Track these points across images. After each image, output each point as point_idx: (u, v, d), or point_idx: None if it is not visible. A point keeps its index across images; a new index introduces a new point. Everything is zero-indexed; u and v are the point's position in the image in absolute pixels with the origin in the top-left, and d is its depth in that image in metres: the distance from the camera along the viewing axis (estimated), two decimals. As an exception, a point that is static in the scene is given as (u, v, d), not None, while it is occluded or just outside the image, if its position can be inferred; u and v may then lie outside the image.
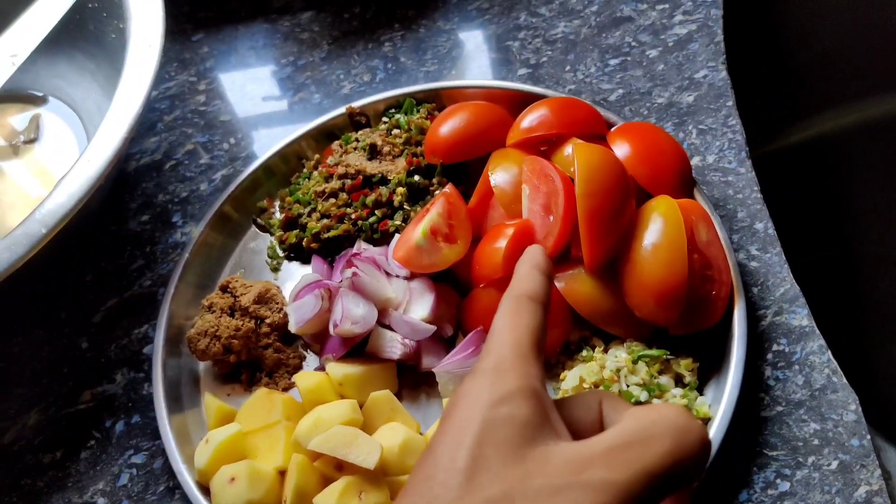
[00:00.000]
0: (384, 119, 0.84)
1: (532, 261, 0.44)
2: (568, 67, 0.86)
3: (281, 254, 0.79)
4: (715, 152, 0.78)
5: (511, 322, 0.40)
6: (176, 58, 0.96)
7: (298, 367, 0.72)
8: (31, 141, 0.92)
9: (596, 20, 0.89)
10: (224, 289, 0.74)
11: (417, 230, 0.69)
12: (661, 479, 0.33)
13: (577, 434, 0.37)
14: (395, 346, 0.67)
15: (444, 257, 0.69)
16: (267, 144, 0.86)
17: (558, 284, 0.67)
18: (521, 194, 0.70)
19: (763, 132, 0.83)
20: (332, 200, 0.77)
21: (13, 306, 0.78)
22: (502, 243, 0.67)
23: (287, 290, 0.75)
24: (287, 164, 0.83)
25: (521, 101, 0.79)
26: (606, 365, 0.64)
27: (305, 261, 0.79)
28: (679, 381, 0.65)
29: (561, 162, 0.70)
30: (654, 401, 0.62)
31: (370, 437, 0.61)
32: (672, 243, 0.64)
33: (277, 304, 0.73)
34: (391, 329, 0.69)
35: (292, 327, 0.71)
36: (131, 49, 0.75)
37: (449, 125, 0.77)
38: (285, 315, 0.72)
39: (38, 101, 0.96)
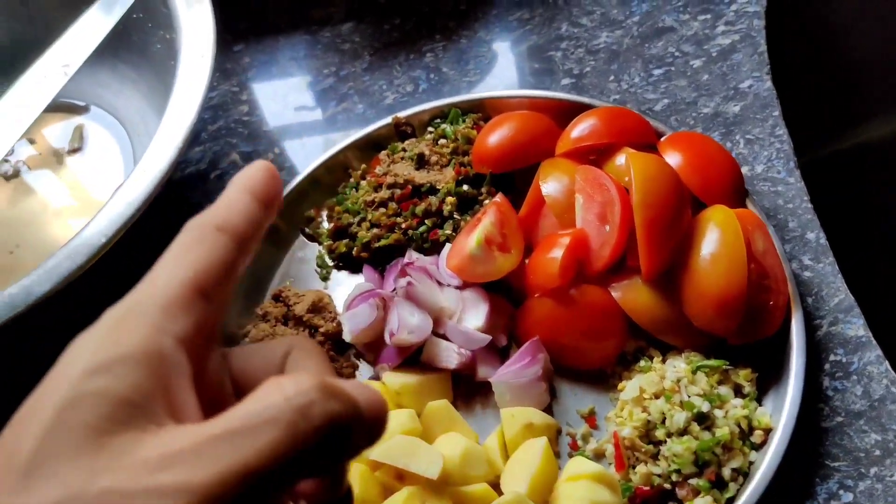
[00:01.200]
0: (429, 129, 0.84)
1: (245, 182, 0.34)
2: (612, 77, 0.87)
3: (330, 263, 0.79)
4: (763, 162, 0.78)
5: (174, 259, 0.31)
6: (218, 68, 0.96)
7: (352, 377, 0.72)
8: (76, 150, 0.92)
9: (638, 30, 0.90)
10: (277, 298, 0.74)
11: (471, 239, 0.69)
12: (261, 476, 0.26)
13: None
14: (451, 355, 0.67)
15: (498, 267, 0.69)
16: (311, 154, 0.86)
17: (615, 294, 0.67)
18: (574, 204, 0.70)
19: (811, 140, 0.83)
20: (382, 210, 0.77)
21: (64, 328, 0.78)
22: (558, 253, 0.67)
23: (338, 299, 0.75)
24: (332, 175, 0.84)
25: (566, 111, 0.79)
26: (666, 375, 0.64)
27: (354, 270, 0.79)
28: (738, 391, 0.65)
29: (613, 171, 0.70)
30: (716, 412, 0.62)
31: (431, 447, 0.61)
32: (731, 253, 0.64)
33: (330, 313, 0.73)
34: (445, 338, 0.69)
35: (347, 336, 0.71)
36: (183, 59, 0.75)
37: (497, 135, 0.77)
38: (339, 324, 0.72)
39: (80, 110, 0.96)
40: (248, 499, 0.25)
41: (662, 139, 0.75)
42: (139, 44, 0.90)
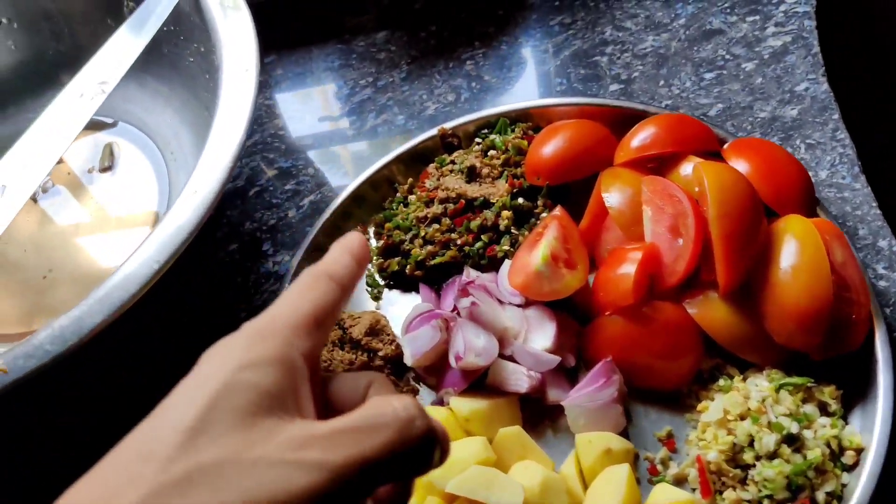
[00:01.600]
0: (477, 140, 0.81)
1: (347, 245, 0.42)
2: (662, 82, 0.84)
3: (381, 282, 0.76)
4: (826, 168, 0.76)
5: (299, 293, 0.38)
6: (250, 81, 0.93)
7: (412, 402, 0.69)
8: (107, 169, 0.89)
9: (685, 33, 0.87)
10: (330, 321, 0.71)
11: (536, 256, 0.67)
12: (376, 466, 0.33)
13: (342, 413, 0.36)
14: (521, 378, 0.65)
15: (566, 284, 0.66)
16: (354, 167, 0.84)
17: (691, 311, 0.64)
18: (640, 216, 0.67)
19: (873, 143, 0.81)
20: (435, 226, 0.74)
21: (108, 355, 0.75)
22: (630, 269, 0.64)
23: (391, 319, 0.72)
24: (377, 191, 0.81)
25: (618, 119, 0.77)
26: (751, 395, 0.61)
27: (406, 289, 0.76)
28: (823, 409, 0.62)
29: (679, 181, 0.68)
30: (805, 433, 0.59)
31: (510, 478, 0.59)
32: (813, 265, 0.61)
33: (388, 335, 0.70)
34: (511, 360, 0.66)
35: (408, 360, 0.68)
36: (225, 74, 0.72)
37: (552, 145, 0.74)
38: (397, 347, 0.69)
39: (108, 126, 0.93)
40: (363, 482, 0.33)
41: (725, 146, 0.72)
42: (170, 57, 0.87)
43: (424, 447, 0.35)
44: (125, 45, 0.76)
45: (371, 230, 0.79)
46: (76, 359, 0.60)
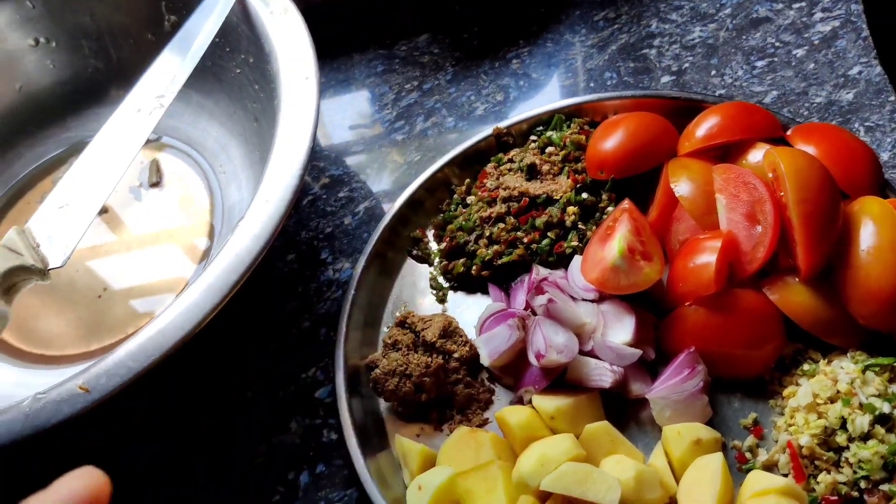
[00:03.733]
0: (532, 137, 0.80)
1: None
2: (713, 72, 0.84)
3: (445, 284, 0.76)
4: (888, 149, 0.75)
5: None
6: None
7: (489, 402, 0.69)
8: (155, 184, 0.88)
9: (732, 23, 0.87)
10: (402, 324, 0.70)
11: (612, 249, 0.66)
12: None
13: None
14: (604, 373, 0.64)
15: (645, 276, 0.65)
16: (406, 171, 0.83)
17: (772, 297, 0.63)
18: (713, 205, 0.67)
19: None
20: (500, 225, 0.73)
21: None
22: (710, 258, 0.63)
23: (462, 322, 0.72)
24: (433, 194, 0.80)
25: (673, 110, 0.76)
26: (839, 378, 0.60)
27: (471, 290, 0.75)
28: (909, 389, 0.61)
29: (748, 169, 0.67)
30: (897, 412, 0.59)
31: (605, 473, 0.58)
32: (894, 245, 0.61)
33: (461, 336, 0.70)
34: (590, 356, 0.66)
35: (485, 360, 0.67)
36: (285, 82, 0.72)
37: (614, 139, 0.74)
38: (472, 348, 0.69)
39: (153, 143, 0.93)
40: None
41: (789, 132, 0.72)
42: (214, 70, 0.86)
43: None
44: (179, 58, 0.75)
45: (430, 233, 0.79)
46: (155, 375, 0.59)
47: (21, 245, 0.65)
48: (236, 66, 0.84)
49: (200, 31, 0.77)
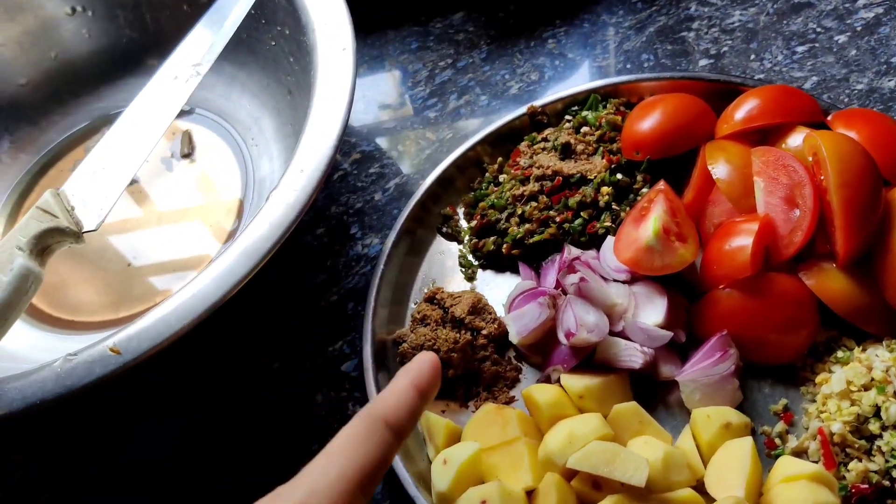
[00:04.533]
0: (567, 117, 0.80)
1: (414, 375, 0.40)
2: (753, 56, 0.82)
3: (475, 262, 0.75)
4: (930, 138, 0.74)
5: (351, 447, 0.36)
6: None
7: (516, 380, 0.68)
8: (187, 156, 0.89)
9: (773, 7, 0.86)
10: (431, 300, 0.70)
11: (646, 230, 0.65)
12: None
13: None
14: (634, 354, 0.63)
15: (680, 258, 0.65)
16: (437, 148, 0.83)
17: (808, 282, 0.63)
18: (751, 188, 0.66)
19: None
20: (533, 203, 0.73)
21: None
22: (746, 241, 0.63)
23: (490, 300, 0.72)
24: (464, 172, 0.80)
25: (710, 93, 0.76)
26: (874, 366, 0.59)
27: (500, 268, 0.75)
28: (947, 379, 0.60)
29: (789, 152, 0.66)
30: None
31: (633, 453, 0.57)
32: (936, 233, 0.60)
33: (490, 314, 0.69)
34: (621, 336, 0.65)
35: (514, 338, 0.67)
36: (322, 53, 0.71)
37: (651, 120, 0.73)
38: (500, 325, 0.69)
39: (186, 114, 0.93)
40: None
41: (829, 117, 0.71)
42: (248, 42, 0.86)
43: None
44: (215, 29, 0.75)
45: (461, 211, 0.78)
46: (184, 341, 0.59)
47: (56, 207, 0.65)
48: (271, 39, 0.84)
49: (237, 1, 0.77)
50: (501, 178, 0.77)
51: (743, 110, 0.70)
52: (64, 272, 0.82)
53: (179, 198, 0.86)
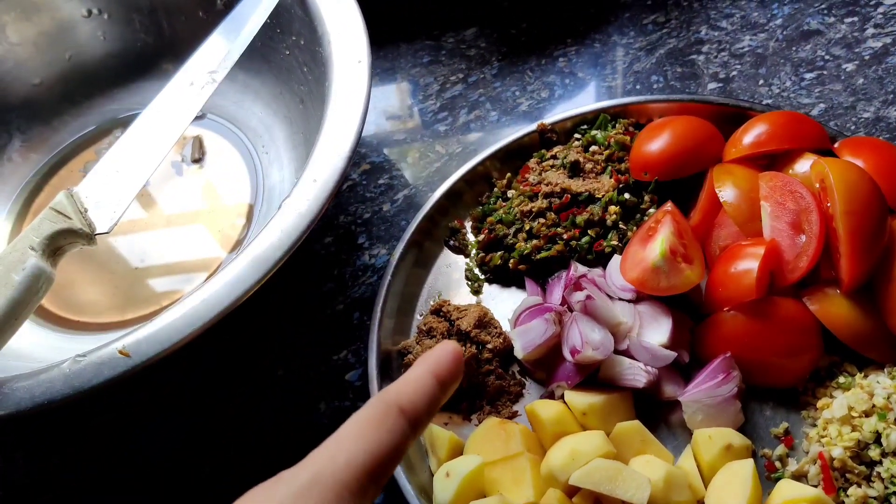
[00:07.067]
0: (576, 135, 0.81)
1: (432, 365, 0.37)
2: (761, 81, 0.83)
3: (481, 276, 0.76)
4: (935, 168, 0.74)
5: (362, 433, 0.33)
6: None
7: (520, 395, 0.69)
8: (197, 161, 0.89)
9: (782, 33, 0.87)
10: (437, 312, 0.71)
11: (653, 250, 0.66)
12: None
13: None
14: (638, 373, 0.64)
15: (686, 279, 0.65)
16: (447, 162, 0.83)
17: (812, 307, 0.63)
18: (757, 212, 0.67)
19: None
20: (541, 220, 0.74)
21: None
22: (752, 264, 0.63)
23: (495, 314, 0.72)
24: (472, 187, 0.80)
25: (719, 116, 0.76)
26: (875, 392, 0.60)
27: (506, 283, 0.76)
28: (948, 408, 0.61)
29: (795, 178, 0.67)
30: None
31: (636, 472, 0.58)
32: (940, 263, 0.61)
33: (496, 328, 0.70)
34: (624, 355, 0.66)
35: (519, 353, 0.67)
36: (337, 65, 0.72)
37: (660, 141, 0.74)
38: (505, 340, 0.69)
39: (197, 119, 0.93)
40: None
41: (836, 144, 0.71)
42: (263, 51, 0.87)
43: None
44: (231, 36, 0.76)
45: (468, 225, 0.79)
46: (193, 346, 0.60)
47: (70, 209, 0.66)
48: (286, 48, 0.85)
49: (254, 10, 0.78)
50: (510, 193, 0.78)
51: (751, 135, 0.71)
52: (71, 272, 0.82)
53: (188, 202, 0.87)
